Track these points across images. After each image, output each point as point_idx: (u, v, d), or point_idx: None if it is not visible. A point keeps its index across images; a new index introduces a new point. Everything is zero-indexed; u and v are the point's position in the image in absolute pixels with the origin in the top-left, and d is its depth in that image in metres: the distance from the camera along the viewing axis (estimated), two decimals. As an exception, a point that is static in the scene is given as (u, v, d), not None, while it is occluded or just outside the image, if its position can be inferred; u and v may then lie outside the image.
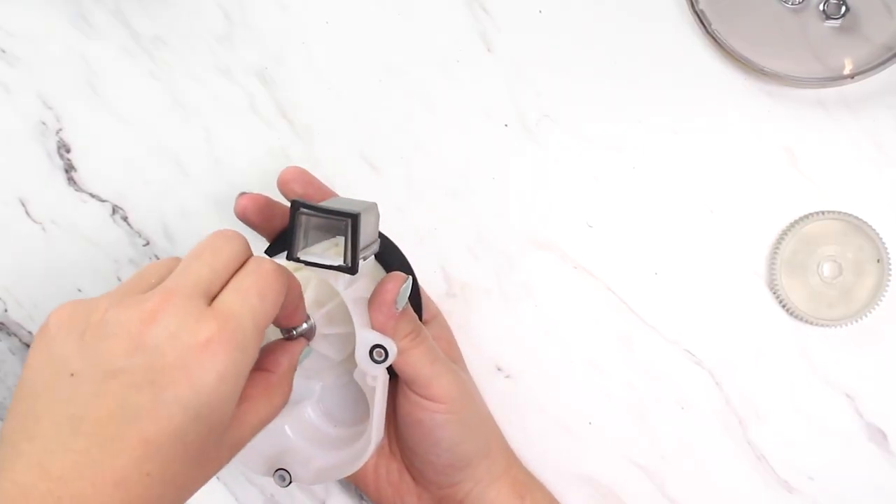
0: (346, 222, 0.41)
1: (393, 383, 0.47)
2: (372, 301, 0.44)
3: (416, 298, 0.49)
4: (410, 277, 0.45)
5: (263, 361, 0.43)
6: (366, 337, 0.44)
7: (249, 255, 0.41)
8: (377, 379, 0.45)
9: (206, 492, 0.39)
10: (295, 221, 0.42)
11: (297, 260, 0.42)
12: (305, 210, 0.42)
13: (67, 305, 0.38)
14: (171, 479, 0.36)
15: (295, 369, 0.44)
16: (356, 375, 0.45)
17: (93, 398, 0.35)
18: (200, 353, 0.36)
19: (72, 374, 0.36)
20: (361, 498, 0.54)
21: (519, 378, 0.54)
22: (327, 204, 0.42)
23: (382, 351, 0.44)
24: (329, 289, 0.46)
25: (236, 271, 0.40)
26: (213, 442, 0.38)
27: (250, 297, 0.38)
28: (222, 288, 0.39)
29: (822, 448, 0.53)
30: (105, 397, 0.35)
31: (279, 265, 0.40)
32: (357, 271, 0.42)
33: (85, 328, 0.37)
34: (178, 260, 0.40)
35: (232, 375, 0.37)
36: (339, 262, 0.42)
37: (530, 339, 0.54)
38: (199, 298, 0.38)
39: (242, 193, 0.47)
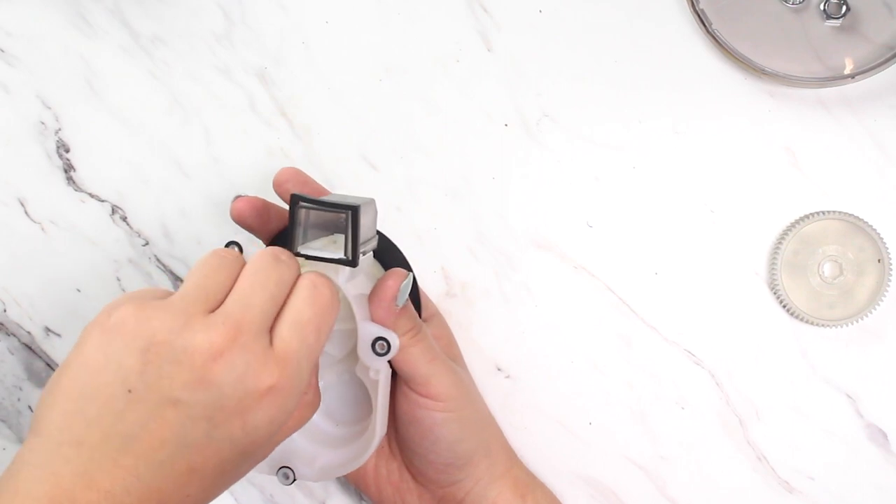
0: (346, 215, 0.41)
1: (392, 382, 0.47)
2: (372, 296, 0.44)
3: (415, 296, 0.49)
4: (411, 274, 0.45)
5: None
6: (368, 330, 0.44)
7: (298, 275, 0.41)
8: (380, 372, 0.45)
9: (205, 493, 0.39)
10: (295, 216, 0.42)
11: (298, 254, 0.42)
12: (305, 204, 0.42)
13: (130, 305, 0.38)
14: (206, 497, 0.38)
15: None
16: (358, 370, 0.45)
17: (148, 421, 0.36)
18: (260, 399, 0.37)
19: (129, 391, 0.36)
20: (361, 498, 0.54)
21: (519, 378, 0.54)
22: (326, 198, 0.43)
23: (385, 343, 0.44)
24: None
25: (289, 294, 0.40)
26: (248, 466, 0.39)
27: (309, 334, 0.39)
28: (279, 315, 0.39)
29: (822, 448, 0.53)
30: (160, 424, 0.36)
31: (334, 289, 0.41)
32: (358, 264, 0.42)
33: (149, 345, 0.37)
34: (234, 263, 0.40)
35: (282, 420, 0.38)
36: (340, 255, 0.42)
37: (530, 339, 0.54)
38: (264, 337, 0.38)
39: (238, 196, 0.47)
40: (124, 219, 0.55)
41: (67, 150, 0.55)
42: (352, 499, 0.55)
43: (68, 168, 0.55)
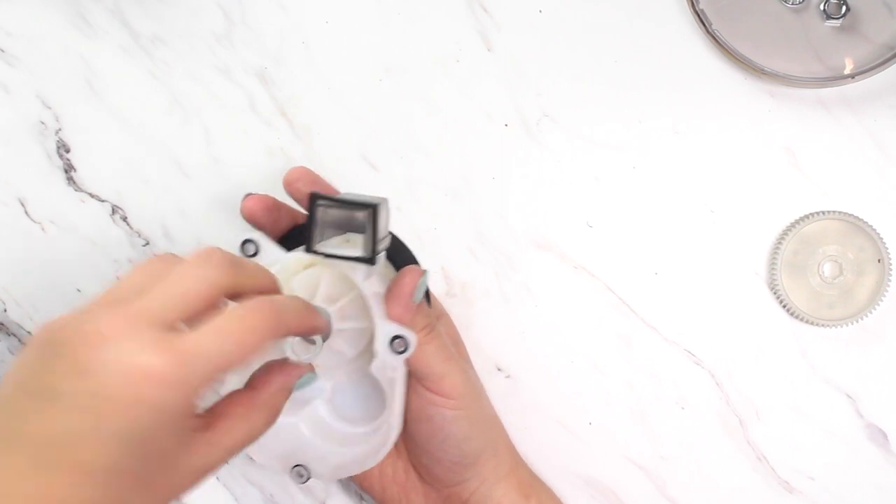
0: (367, 213, 0.41)
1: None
2: (389, 294, 0.44)
3: (426, 296, 0.49)
4: (427, 271, 0.45)
5: (253, 379, 0.42)
6: (386, 328, 0.44)
7: (227, 284, 0.38)
8: (397, 370, 0.45)
9: (205, 492, 0.39)
10: (314, 214, 0.42)
11: (317, 252, 0.42)
12: (324, 202, 0.42)
13: (59, 317, 0.37)
14: None
15: (289, 393, 0.42)
16: (374, 368, 0.45)
17: (36, 417, 0.35)
18: (140, 387, 0.35)
19: (24, 391, 0.35)
20: (361, 498, 0.54)
21: (519, 378, 0.54)
22: (345, 196, 0.42)
23: (403, 342, 0.43)
24: (342, 285, 0.46)
25: (245, 296, 0.38)
26: (162, 469, 0.36)
27: (221, 343, 0.36)
28: (204, 315, 0.37)
29: (822, 448, 0.53)
30: (48, 420, 0.35)
31: (275, 322, 0.38)
32: (376, 262, 0.42)
33: (45, 342, 0.36)
34: (163, 264, 0.39)
35: (173, 415, 0.35)
36: (359, 253, 0.42)
37: (530, 339, 0.54)
38: (158, 327, 0.36)
39: (249, 194, 0.47)
40: (124, 219, 0.55)
41: (67, 150, 0.55)
42: (352, 499, 0.55)
43: (68, 168, 0.55)
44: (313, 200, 0.42)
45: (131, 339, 0.35)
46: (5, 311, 0.55)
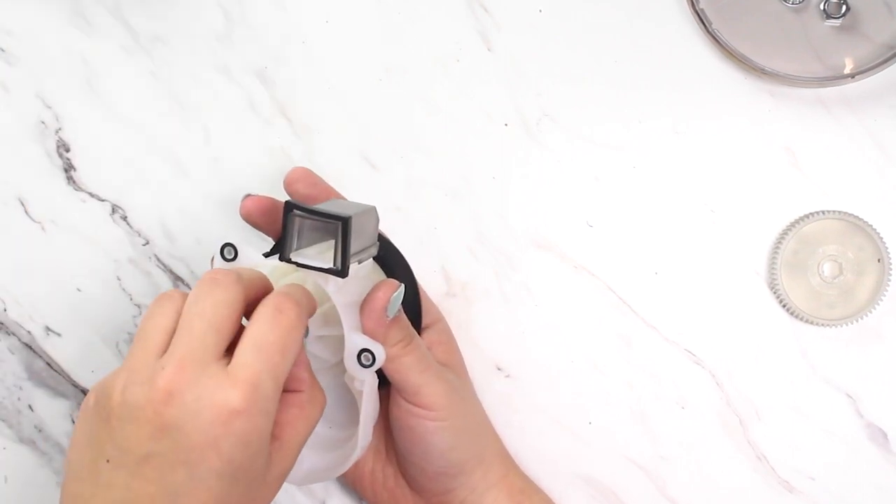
0: (336, 225, 0.41)
1: (386, 389, 0.47)
2: (363, 307, 0.44)
3: (415, 304, 0.49)
4: (402, 285, 0.45)
5: (288, 382, 0.42)
6: (354, 341, 0.44)
7: (242, 299, 0.40)
8: (364, 383, 0.45)
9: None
10: (287, 222, 0.42)
11: (289, 261, 0.42)
12: (298, 212, 0.42)
13: (99, 383, 0.39)
14: None
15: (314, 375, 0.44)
16: (346, 379, 0.45)
17: (131, 482, 0.36)
18: (227, 426, 0.37)
19: (107, 461, 0.37)
20: (361, 498, 0.54)
21: (519, 378, 0.54)
22: (321, 206, 0.42)
23: (370, 355, 0.44)
24: (324, 291, 0.46)
25: (252, 312, 0.40)
26: (257, 484, 0.39)
27: (272, 355, 0.38)
28: (237, 337, 0.39)
29: (822, 448, 0.53)
30: (142, 481, 0.36)
31: (300, 309, 0.40)
32: (347, 275, 0.42)
33: (108, 413, 0.37)
34: (176, 300, 0.40)
35: (259, 439, 0.38)
36: (330, 264, 0.42)
37: (530, 339, 0.54)
38: (212, 364, 0.38)
39: (248, 195, 0.47)
40: (124, 218, 0.55)
41: (67, 150, 0.55)
42: (352, 499, 0.54)
43: (68, 168, 0.55)
44: (288, 210, 0.42)
45: (197, 384, 0.37)
46: (5, 310, 0.55)
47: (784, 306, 0.52)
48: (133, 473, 0.36)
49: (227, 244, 0.45)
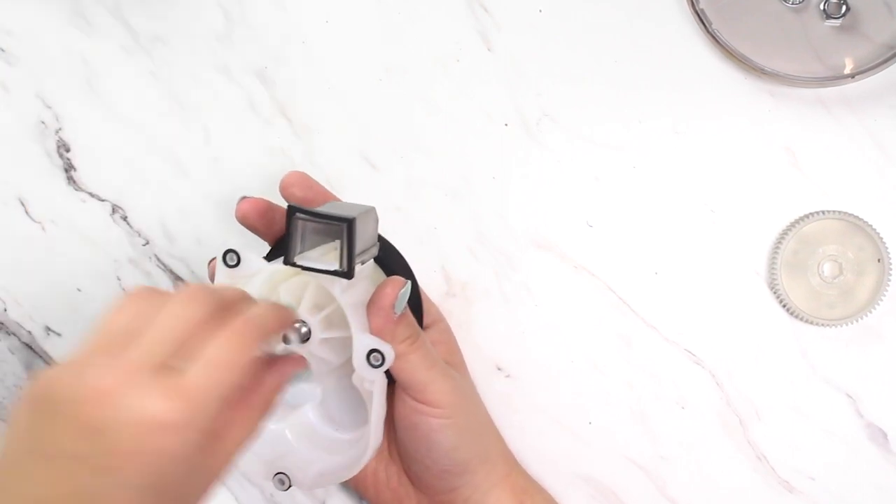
0: (341, 227, 0.41)
1: (391, 387, 0.47)
2: (370, 305, 0.44)
3: (416, 303, 0.49)
4: (409, 282, 0.45)
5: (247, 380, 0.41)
6: (363, 341, 0.44)
7: (217, 312, 0.39)
8: (374, 383, 0.45)
9: (205, 492, 0.39)
10: (291, 226, 0.42)
11: (294, 264, 0.42)
12: (301, 215, 0.42)
13: (45, 371, 0.37)
14: None
15: (280, 390, 0.42)
16: (354, 379, 0.45)
17: (52, 478, 0.35)
18: (157, 437, 0.35)
19: (32, 454, 0.36)
20: (361, 498, 0.54)
21: (519, 378, 0.54)
22: (323, 209, 0.42)
23: (379, 356, 0.43)
24: (328, 292, 0.46)
25: (215, 327, 0.39)
26: (183, 497, 0.37)
27: (220, 370, 0.37)
28: (194, 349, 0.37)
29: (822, 448, 0.53)
30: (63, 479, 0.35)
31: (257, 334, 0.39)
32: (353, 276, 0.42)
33: (46, 404, 0.36)
34: (142, 303, 0.39)
35: (190, 454, 0.36)
36: (336, 266, 0.42)
37: (530, 339, 0.54)
38: (158, 374, 0.36)
39: (243, 198, 0.47)
40: (124, 218, 0.55)
41: (67, 150, 0.55)
42: (352, 499, 0.55)
43: (68, 168, 0.55)
44: (291, 213, 0.42)
45: (136, 391, 0.35)
46: (5, 310, 0.55)
47: (784, 306, 0.52)
48: (57, 470, 0.35)
49: (229, 250, 0.44)
